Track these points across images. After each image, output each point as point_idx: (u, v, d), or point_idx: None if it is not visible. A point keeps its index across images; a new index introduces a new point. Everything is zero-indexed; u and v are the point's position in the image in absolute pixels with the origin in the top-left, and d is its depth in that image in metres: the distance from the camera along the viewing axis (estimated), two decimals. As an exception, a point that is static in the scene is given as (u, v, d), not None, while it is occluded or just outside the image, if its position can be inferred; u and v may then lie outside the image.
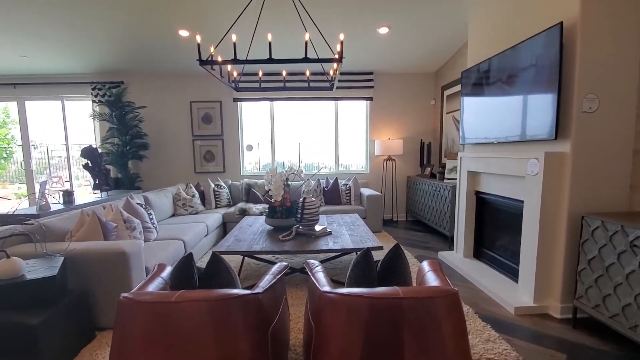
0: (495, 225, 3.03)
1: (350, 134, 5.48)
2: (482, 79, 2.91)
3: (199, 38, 2.26)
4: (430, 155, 5.14)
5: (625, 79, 2.07)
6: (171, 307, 1.11)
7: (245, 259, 3.41)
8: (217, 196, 4.64)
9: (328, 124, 5.43)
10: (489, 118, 2.83)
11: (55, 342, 1.72)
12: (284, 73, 2.94)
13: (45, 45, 4.03)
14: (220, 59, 2.24)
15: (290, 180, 3.17)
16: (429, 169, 4.87)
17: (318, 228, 2.95)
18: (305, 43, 2.16)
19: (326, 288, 1.23)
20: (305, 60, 2.20)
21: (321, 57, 4.26)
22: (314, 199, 2.99)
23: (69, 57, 4.43)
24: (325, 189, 4.80)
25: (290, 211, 3.06)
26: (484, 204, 3.17)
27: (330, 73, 2.90)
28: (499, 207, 2.93)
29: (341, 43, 2.20)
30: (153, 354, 1.09)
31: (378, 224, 4.53)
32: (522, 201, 2.50)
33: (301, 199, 2.97)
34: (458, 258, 3.32)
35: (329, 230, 3.01)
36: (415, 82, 5.32)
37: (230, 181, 5.03)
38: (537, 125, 2.27)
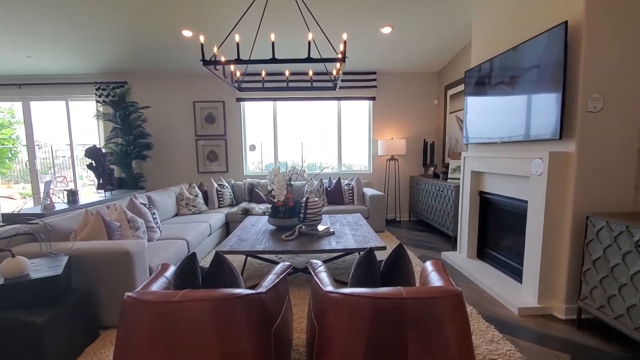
0: (498, 226, 3.01)
1: (353, 133, 5.47)
2: (486, 78, 2.89)
3: (202, 38, 2.26)
4: (433, 155, 5.13)
5: (630, 78, 2.06)
6: (175, 307, 1.12)
7: (248, 259, 3.41)
8: (220, 196, 4.65)
9: (331, 124, 5.43)
10: (492, 118, 2.82)
11: (59, 341, 1.73)
12: (287, 73, 2.94)
13: (49, 46, 4.06)
14: (223, 59, 2.25)
15: (293, 180, 3.18)
16: (432, 168, 4.85)
17: (321, 228, 2.95)
18: (308, 43, 2.16)
19: (329, 288, 1.22)
20: (308, 60, 2.20)
21: (324, 57, 4.25)
22: (316, 198, 2.99)
23: (73, 58, 4.46)
24: (328, 189, 4.80)
25: (293, 211, 3.06)
26: (487, 204, 3.15)
27: (333, 73, 2.90)
28: (503, 207, 2.92)
29: (344, 43, 2.20)
30: (156, 352, 1.10)
31: (381, 224, 4.52)
32: (526, 201, 2.48)
33: (304, 199, 2.97)
34: (461, 258, 3.30)
35: (331, 230, 3.01)
36: (419, 82, 5.30)
37: (233, 181, 5.04)
38: (542, 125, 2.25)
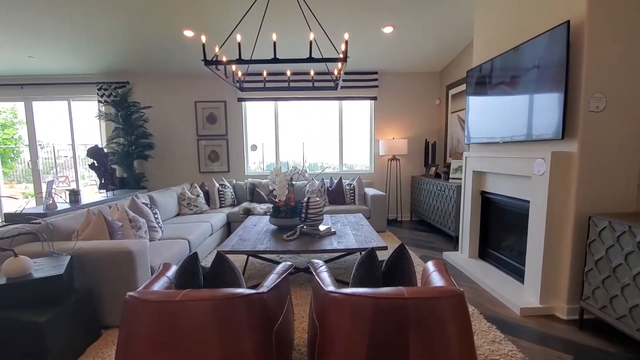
0: (500, 226, 3.00)
1: (354, 133, 5.47)
2: (488, 78, 2.89)
3: (203, 38, 2.27)
4: (435, 155, 5.12)
5: (632, 78, 2.05)
6: (176, 306, 1.12)
7: (250, 259, 3.42)
8: (222, 196, 4.65)
9: (332, 124, 5.42)
10: (494, 117, 2.81)
11: (61, 340, 1.74)
12: (288, 73, 2.94)
13: (49, 46, 4.07)
14: (225, 59, 2.25)
15: (294, 180, 3.17)
16: (434, 168, 4.84)
17: (322, 228, 2.95)
18: (310, 43, 2.16)
19: (330, 288, 1.22)
20: (309, 60, 2.20)
21: (326, 57, 4.25)
22: (318, 198, 2.99)
23: (74, 58, 4.47)
24: (330, 189, 4.80)
25: (295, 211, 3.06)
26: (489, 204, 3.15)
27: (335, 73, 2.90)
28: (505, 207, 2.91)
29: (346, 42, 2.20)
30: (158, 352, 1.10)
31: (382, 224, 4.52)
32: (528, 201, 2.48)
33: (305, 199, 2.97)
34: (463, 258, 3.30)
35: (333, 230, 3.01)
36: (420, 82, 5.29)
37: (234, 181, 5.04)
38: (544, 124, 2.24)
